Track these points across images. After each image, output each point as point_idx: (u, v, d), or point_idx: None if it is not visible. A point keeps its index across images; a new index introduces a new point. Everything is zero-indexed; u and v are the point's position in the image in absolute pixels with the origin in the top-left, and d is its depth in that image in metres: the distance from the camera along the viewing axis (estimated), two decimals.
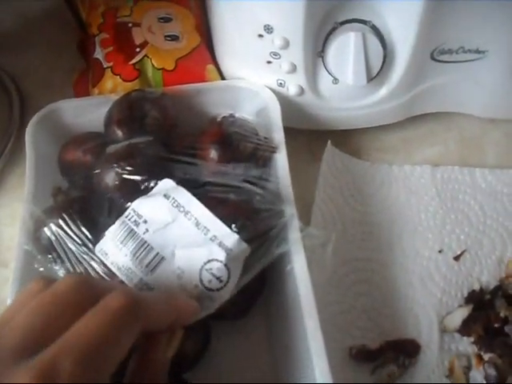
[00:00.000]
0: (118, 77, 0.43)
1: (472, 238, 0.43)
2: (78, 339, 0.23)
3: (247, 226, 0.34)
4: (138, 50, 0.44)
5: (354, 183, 0.44)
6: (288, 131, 0.43)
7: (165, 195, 0.34)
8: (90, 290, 0.26)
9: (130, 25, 0.45)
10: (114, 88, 0.43)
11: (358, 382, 0.37)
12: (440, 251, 0.42)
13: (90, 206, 0.35)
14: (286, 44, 0.39)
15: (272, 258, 0.34)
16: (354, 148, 0.47)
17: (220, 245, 0.32)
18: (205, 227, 0.33)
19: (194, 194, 0.34)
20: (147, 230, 0.33)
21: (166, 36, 0.45)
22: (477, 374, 0.38)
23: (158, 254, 0.32)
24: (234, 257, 0.32)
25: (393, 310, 0.40)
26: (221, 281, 0.32)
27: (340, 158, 0.45)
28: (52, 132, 0.42)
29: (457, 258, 0.42)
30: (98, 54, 0.44)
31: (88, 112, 0.42)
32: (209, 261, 0.32)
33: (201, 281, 0.32)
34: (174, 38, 0.45)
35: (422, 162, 0.46)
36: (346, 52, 0.39)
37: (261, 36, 0.39)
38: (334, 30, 0.40)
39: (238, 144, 0.38)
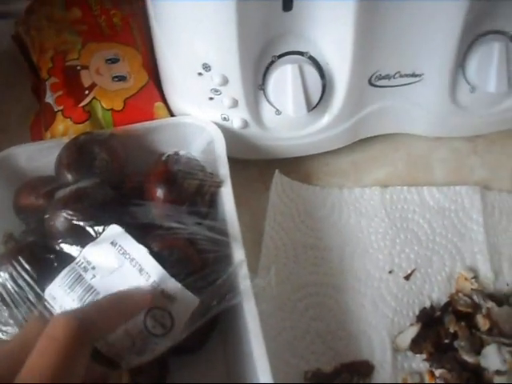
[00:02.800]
0: (69, 120, 0.45)
1: (422, 256, 0.45)
2: (33, 379, 0.24)
3: (194, 275, 0.36)
4: (86, 92, 0.46)
5: (304, 209, 0.47)
6: (239, 162, 0.46)
7: (112, 242, 0.36)
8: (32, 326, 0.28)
9: (79, 68, 0.47)
10: (65, 131, 0.45)
11: None
12: (390, 272, 0.44)
13: (41, 252, 0.37)
14: (225, 81, 0.41)
15: (223, 308, 0.36)
16: (304, 174, 0.49)
17: (162, 293, 0.34)
18: (147, 274, 0.35)
19: (142, 238, 0.36)
20: (94, 276, 0.35)
21: (113, 77, 0.47)
22: None
23: None
24: (178, 305, 0.34)
25: (346, 333, 0.42)
26: (165, 327, 0.34)
27: (289, 184, 0.47)
28: (6, 177, 0.44)
29: (407, 278, 0.44)
30: (49, 98, 0.47)
31: (41, 156, 0.44)
32: (152, 308, 0.34)
33: (145, 326, 0.34)
34: (122, 79, 0.47)
35: (372, 183, 0.48)
36: (285, 84, 0.42)
37: (200, 74, 0.42)
38: (272, 63, 0.42)
39: (182, 182, 0.40)
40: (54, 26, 0.50)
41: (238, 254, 0.38)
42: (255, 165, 0.48)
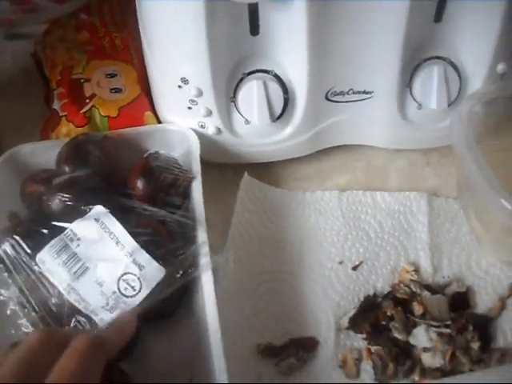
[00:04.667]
0: (72, 124, 0.55)
1: (370, 251, 0.52)
2: (61, 379, 0.30)
3: (162, 249, 0.44)
4: (87, 101, 0.55)
5: (270, 208, 0.55)
6: (217, 166, 0.54)
7: (95, 219, 0.44)
8: (56, 337, 0.33)
9: (82, 80, 0.57)
10: (68, 133, 0.55)
11: (264, 372, 0.46)
12: (340, 263, 0.51)
13: (37, 227, 0.46)
14: (200, 93, 0.50)
15: (186, 280, 0.44)
16: (274, 178, 0.57)
17: (134, 261, 0.43)
18: (122, 245, 0.43)
19: (122, 217, 0.44)
20: (79, 245, 0.43)
21: (111, 89, 0.56)
22: (366, 365, 0.47)
23: (83, 264, 0.43)
24: (146, 272, 0.42)
25: (297, 314, 0.49)
26: (134, 290, 0.42)
27: (257, 186, 0.55)
28: (16, 169, 0.52)
29: (355, 268, 0.51)
30: (56, 105, 0.56)
31: (46, 153, 0.53)
32: (125, 273, 0.42)
33: (118, 288, 0.42)
34: (118, 91, 0.56)
35: (333, 188, 0.56)
36: (252, 97, 0.50)
37: (180, 87, 0.50)
38: (242, 79, 0.51)
39: (159, 175, 0.48)
40: (65, 46, 0.60)
41: (202, 235, 0.46)
42: (231, 168, 0.57)
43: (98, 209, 0.45)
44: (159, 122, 0.56)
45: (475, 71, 0.52)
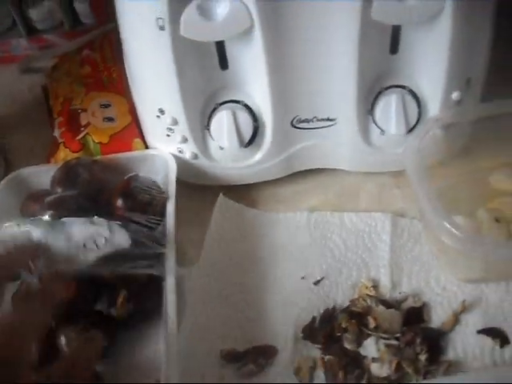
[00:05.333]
0: (68, 149, 0.62)
1: (333, 267, 0.56)
2: None
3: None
4: (82, 129, 0.63)
5: (244, 227, 0.60)
6: (198, 188, 0.60)
7: None
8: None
9: (80, 111, 0.64)
10: (65, 158, 0.62)
11: (225, 375, 0.51)
12: (303, 278, 0.56)
13: None
14: (176, 122, 0.56)
15: (143, 269, 0.50)
16: (251, 199, 0.62)
17: (109, 228, 0.49)
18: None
19: None
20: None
21: (104, 118, 0.63)
22: (320, 373, 0.50)
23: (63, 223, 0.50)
24: (115, 237, 0.49)
25: (261, 324, 0.54)
26: (98, 247, 0.49)
27: (232, 206, 0.60)
28: (17, 189, 0.60)
29: (316, 283, 0.55)
30: (56, 132, 0.64)
31: (43, 175, 0.60)
32: (97, 234, 0.49)
33: (84, 243, 0.49)
34: (110, 120, 0.63)
35: (306, 208, 0.60)
36: (223, 125, 0.56)
37: (158, 116, 0.57)
38: (214, 109, 0.56)
39: (137, 195, 0.54)
40: (69, 79, 0.68)
41: (170, 247, 0.52)
42: (211, 190, 0.62)
43: None
44: (147, 147, 0.63)
45: (432, 99, 0.56)
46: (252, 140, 0.57)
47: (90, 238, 0.49)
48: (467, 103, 0.57)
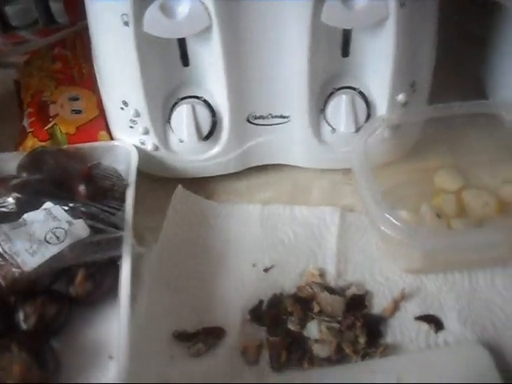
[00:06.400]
0: (36, 139, 0.65)
1: (282, 256, 0.60)
2: None
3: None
4: (51, 119, 0.66)
5: (200, 217, 0.63)
6: (158, 181, 0.64)
7: (44, 209, 0.54)
8: None
9: (49, 102, 0.68)
10: (33, 146, 0.65)
11: (176, 354, 0.54)
12: (254, 265, 0.59)
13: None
14: (138, 114, 0.60)
15: (104, 257, 0.53)
16: (208, 192, 0.66)
17: (68, 221, 0.52)
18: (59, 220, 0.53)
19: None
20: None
21: (72, 110, 0.67)
22: (266, 353, 0.54)
23: (24, 220, 0.53)
24: (74, 228, 0.52)
25: (211, 307, 0.57)
26: (58, 240, 0.51)
27: (189, 197, 0.64)
28: None
29: (266, 271, 0.59)
30: (25, 122, 0.67)
31: (11, 162, 0.63)
32: (56, 227, 0.52)
33: (45, 237, 0.51)
34: (78, 112, 0.67)
35: (259, 201, 0.64)
36: (182, 119, 0.59)
37: (122, 108, 0.60)
38: (176, 103, 0.60)
39: (98, 182, 0.58)
40: (40, 74, 0.71)
41: (128, 229, 0.55)
42: (171, 182, 0.65)
43: (48, 204, 0.55)
44: (112, 139, 0.66)
45: (380, 100, 0.60)
46: (210, 134, 0.61)
47: (51, 231, 0.52)
48: (414, 105, 0.61)
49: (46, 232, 0.51)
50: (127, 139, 0.63)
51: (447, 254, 0.57)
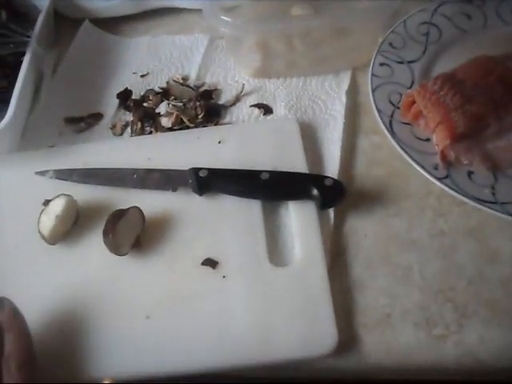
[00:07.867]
0: None
1: (158, 67, 0.76)
2: None
3: None
4: None
5: (102, 50, 0.80)
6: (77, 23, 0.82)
7: None
8: None
9: None
10: None
11: (64, 132, 0.71)
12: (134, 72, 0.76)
13: None
14: None
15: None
16: (116, 30, 0.83)
17: None
18: None
19: None
20: None
21: None
22: (128, 129, 0.70)
23: None
24: None
25: (95, 97, 0.74)
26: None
27: (95, 31, 0.82)
28: None
29: (142, 76, 0.75)
30: None
31: None
32: None
33: None
34: None
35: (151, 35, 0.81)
36: None
37: None
38: None
39: (16, 7, 0.76)
40: None
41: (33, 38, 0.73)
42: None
43: None
44: None
45: None
46: None
47: None
48: None
49: None
50: None
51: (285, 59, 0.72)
